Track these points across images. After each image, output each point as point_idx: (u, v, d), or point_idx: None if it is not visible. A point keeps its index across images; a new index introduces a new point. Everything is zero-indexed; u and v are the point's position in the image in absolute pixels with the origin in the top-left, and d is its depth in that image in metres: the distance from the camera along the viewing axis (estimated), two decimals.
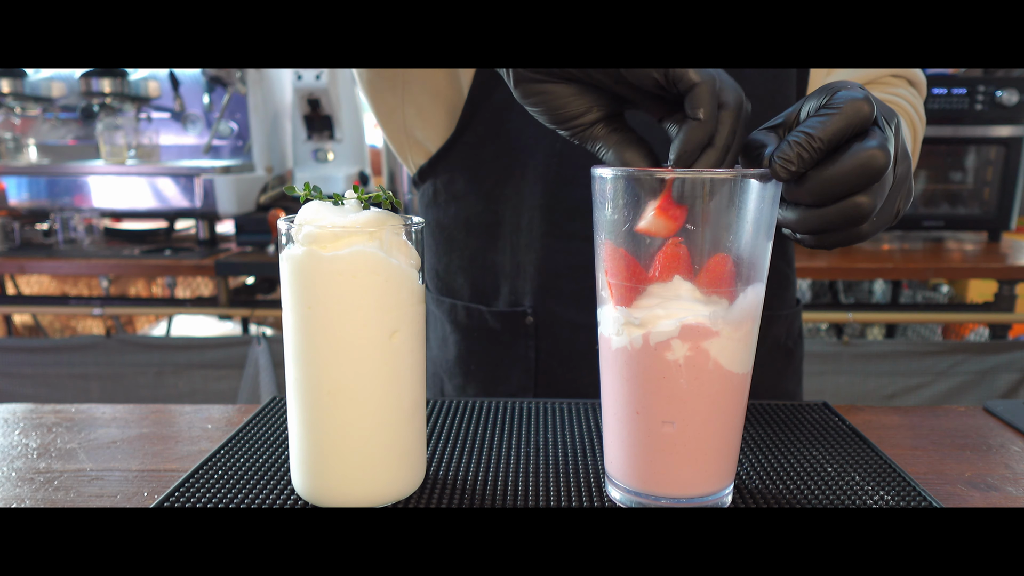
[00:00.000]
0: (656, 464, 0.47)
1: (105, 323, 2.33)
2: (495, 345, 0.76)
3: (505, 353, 0.76)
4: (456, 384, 0.80)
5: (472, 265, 0.76)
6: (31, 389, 2.07)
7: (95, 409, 0.67)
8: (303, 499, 0.49)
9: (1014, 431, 0.64)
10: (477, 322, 0.77)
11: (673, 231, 0.42)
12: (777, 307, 0.79)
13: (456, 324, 0.79)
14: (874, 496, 0.50)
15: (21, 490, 0.52)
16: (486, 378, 0.78)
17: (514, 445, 0.58)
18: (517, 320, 0.74)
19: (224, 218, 2.20)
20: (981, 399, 1.95)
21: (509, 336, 0.75)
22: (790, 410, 0.66)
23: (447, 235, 0.78)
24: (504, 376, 0.76)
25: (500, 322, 0.75)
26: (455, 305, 0.78)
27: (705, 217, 0.42)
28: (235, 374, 2.02)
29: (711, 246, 0.43)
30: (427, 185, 0.79)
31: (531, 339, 0.74)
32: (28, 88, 2.27)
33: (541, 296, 0.73)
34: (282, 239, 0.46)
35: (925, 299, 2.45)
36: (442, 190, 0.77)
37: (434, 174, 0.77)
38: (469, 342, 0.78)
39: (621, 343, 0.46)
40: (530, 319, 0.73)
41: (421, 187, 0.80)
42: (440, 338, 0.81)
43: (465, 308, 0.77)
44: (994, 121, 2.05)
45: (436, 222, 0.79)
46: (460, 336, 0.79)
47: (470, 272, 0.77)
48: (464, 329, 0.78)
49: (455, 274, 0.78)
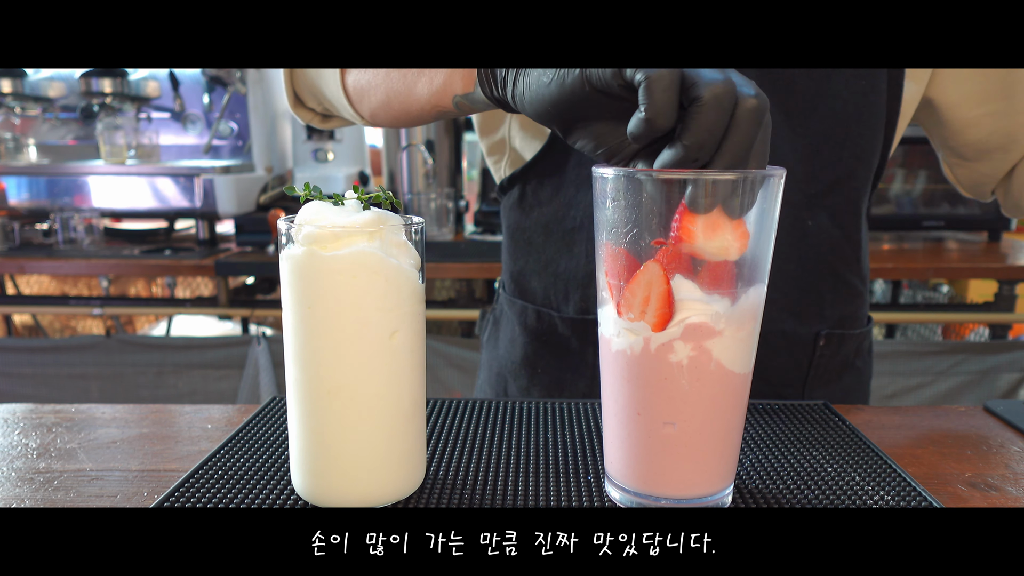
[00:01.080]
0: (656, 464, 0.47)
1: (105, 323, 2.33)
2: (563, 350, 0.77)
3: (572, 359, 0.76)
4: (520, 386, 0.81)
5: (546, 270, 0.77)
6: (31, 389, 2.07)
7: (95, 409, 0.67)
8: (303, 499, 0.49)
9: (1014, 431, 0.64)
10: (547, 326, 0.78)
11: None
12: (849, 326, 0.76)
13: (525, 326, 0.80)
14: (874, 496, 0.50)
15: (21, 490, 0.52)
16: (551, 382, 0.78)
17: (514, 445, 0.58)
18: (587, 328, 0.74)
19: (224, 218, 2.20)
20: (981, 399, 1.95)
21: (578, 343, 0.76)
22: (790, 410, 0.66)
23: (527, 238, 0.79)
24: (570, 382, 0.77)
25: (570, 328, 0.76)
26: (526, 308, 0.79)
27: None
28: (235, 374, 2.02)
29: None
30: (515, 190, 0.80)
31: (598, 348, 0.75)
32: (28, 88, 2.27)
33: None
34: (282, 239, 0.46)
35: (925, 299, 2.45)
36: (529, 195, 0.78)
37: (524, 180, 0.79)
38: (537, 345, 0.79)
39: (622, 344, 0.46)
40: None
41: (508, 192, 0.82)
42: (509, 339, 0.82)
43: (536, 311, 0.78)
44: None
45: (517, 225, 0.80)
46: (528, 339, 0.79)
47: (543, 276, 0.78)
48: (533, 332, 0.79)
49: (530, 277, 0.79)
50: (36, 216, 2.26)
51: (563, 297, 0.76)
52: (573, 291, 0.75)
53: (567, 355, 0.77)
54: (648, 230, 0.43)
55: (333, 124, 0.78)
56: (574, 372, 0.76)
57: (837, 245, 0.73)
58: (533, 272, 0.79)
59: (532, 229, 0.78)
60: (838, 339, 0.75)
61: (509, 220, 0.82)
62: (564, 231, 0.75)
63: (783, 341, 0.73)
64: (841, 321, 0.75)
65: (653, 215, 0.42)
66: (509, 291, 0.83)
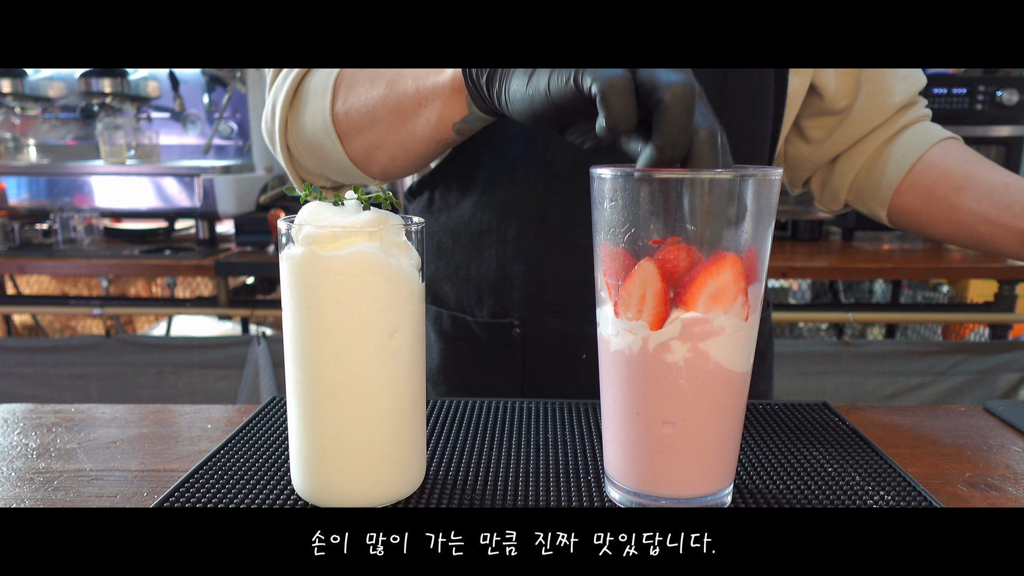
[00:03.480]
0: (656, 464, 0.47)
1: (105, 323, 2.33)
2: (481, 354, 0.76)
3: (491, 363, 0.76)
4: (441, 392, 0.80)
5: (457, 274, 0.77)
6: (31, 389, 2.07)
7: (95, 409, 0.67)
8: (303, 499, 0.49)
9: (1014, 431, 0.64)
10: (463, 331, 0.77)
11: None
12: None
13: (441, 332, 0.79)
14: (874, 496, 0.50)
15: (21, 490, 0.52)
16: (472, 387, 0.77)
17: (514, 445, 0.58)
18: (504, 331, 0.74)
19: (224, 218, 2.20)
20: (981, 399, 1.95)
21: (496, 346, 0.75)
22: (790, 410, 0.66)
23: (436, 243, 0.78)
24: (490, 385, 0.76)
25: (486, 332, 0.75)
26: (440, 313, 0.79)
27: (704, 216, 0.42)
28: (235, 374, 2.02)
29: (710, 245, 0.43)
30: (424, 195, 0.79)
31: (518, 350, 0.74)
32: (28, 88, 2.27)
33: (529, 307, 0.73)
34: (282, 239, 0.46)
35: (925, 299, 2.45)
36: (437, 199, 0.77)
37: (432, 184, 0.78)
38: (454, 350, 0.78)
39: (620, 344, 0.46)
40: (517, 330, 0.74)
41: (417, 197, 0.80)
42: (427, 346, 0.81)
43: (451, 317, 0.78)
44: (994, 121, 2.05)
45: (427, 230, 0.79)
46: (445, 344, 0.79)
47: (455, 281, 0.77)
48: (449, 338, 0.78)
49: (441, 283, 0.79)
50: (36, 216, 2.26)
51: (476, 301, 0.76)
52: (486, 295, 0.75)
53: (486, 359, 0.76)
54: (645, 230, 0.43)
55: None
56: (494, 375, 0.76)
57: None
58: (444, 277, 0.78)
59: (441, 233, 0.78)
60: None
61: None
62: (471, 235, 0.75)
63: None
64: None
65: (650, 215, 0.42)
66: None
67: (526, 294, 0.73)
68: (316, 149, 0.66)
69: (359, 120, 0.62)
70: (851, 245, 2.14)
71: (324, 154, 0.66)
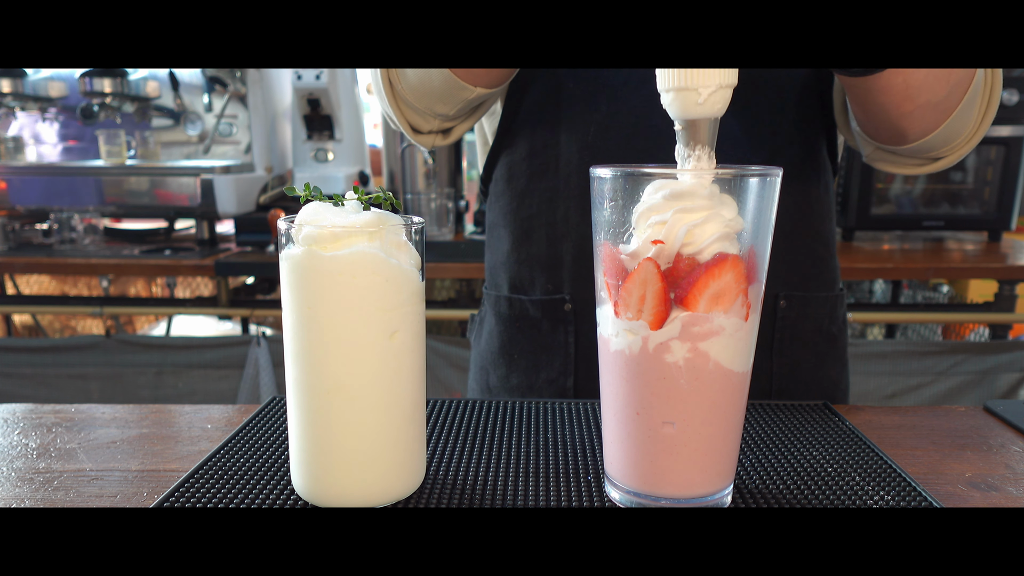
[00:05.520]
0: (656, 464, 0.47)
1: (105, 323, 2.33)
2: (535, 332, 0.79)
3: (543, 340, 0.79)
4: (500, 375, 0.82)
5: (510, 258, 0.81)
6: (31, 389, 2.07)
7: (95, 409, 0.67)
8: (303, 499, 0.49)
9: (1014, 431, 0.64)
10: (519, 312, 0.80)
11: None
12: (814, 288, 0.78)
13: (499, 316, 0.82)
14: (874, 496, 0.50)
15: (21, 490, 0.52)
16: (528, 366, 0.80)
17: (514, 445, 0.58)
18: (556, 307, 0.77)
19: (224, 218, 2.19)
20: (981, 399, 1.95)
21: (549, 324, 0.78)
22: (790, 410, 0.66)
23: (494, 231, 0.83)
24: (546, 363, 0.79)
25: (540, 310, 0.78)
26: (499, 298, 0.82)
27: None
28: (235, 374, 2.02)
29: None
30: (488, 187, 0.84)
31: (570, 325, 0.77)
32: (28, 88, 2.27)
33: (578, 284, 0.77)
34: (282, 239, 0.46)
35: (925, 299, 2.45)
36: (491, 190, 0.83)
37: (488, 177, 0.83)
38: (512, 332, 0.81)
39: (621, 344, 0.46)
40: (568, 305, 0.77)
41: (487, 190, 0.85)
42: (488, 333, 0.85)
43: (507, 299, 0.81)
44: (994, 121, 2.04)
45: (488, 221, 0.85)
46: (504, 327, 0.82)
47: (509, 265, 0.81)
48: (507, 320, 0.82)
49: (499, 268, 0.82)
50: (36, 216, 2.25)
51: (529, 281, 0.79)
52: (538, 275, 0.78)
53: (539, 336, 0.79)
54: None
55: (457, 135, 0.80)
56: (548, 353, 0.79)
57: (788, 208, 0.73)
58: (500, 262, 0.82)
59: (496, 221, 0.82)
60: (800, 301, 0.76)
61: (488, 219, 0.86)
62: (521, 219, 0.79)
63: None
64: (803, 283, 0.77)
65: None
66: (487, 285, 0.87)
67: (575, 271, 0.76)
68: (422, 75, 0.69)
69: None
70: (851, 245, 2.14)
71: (429, 77, 0.69)
